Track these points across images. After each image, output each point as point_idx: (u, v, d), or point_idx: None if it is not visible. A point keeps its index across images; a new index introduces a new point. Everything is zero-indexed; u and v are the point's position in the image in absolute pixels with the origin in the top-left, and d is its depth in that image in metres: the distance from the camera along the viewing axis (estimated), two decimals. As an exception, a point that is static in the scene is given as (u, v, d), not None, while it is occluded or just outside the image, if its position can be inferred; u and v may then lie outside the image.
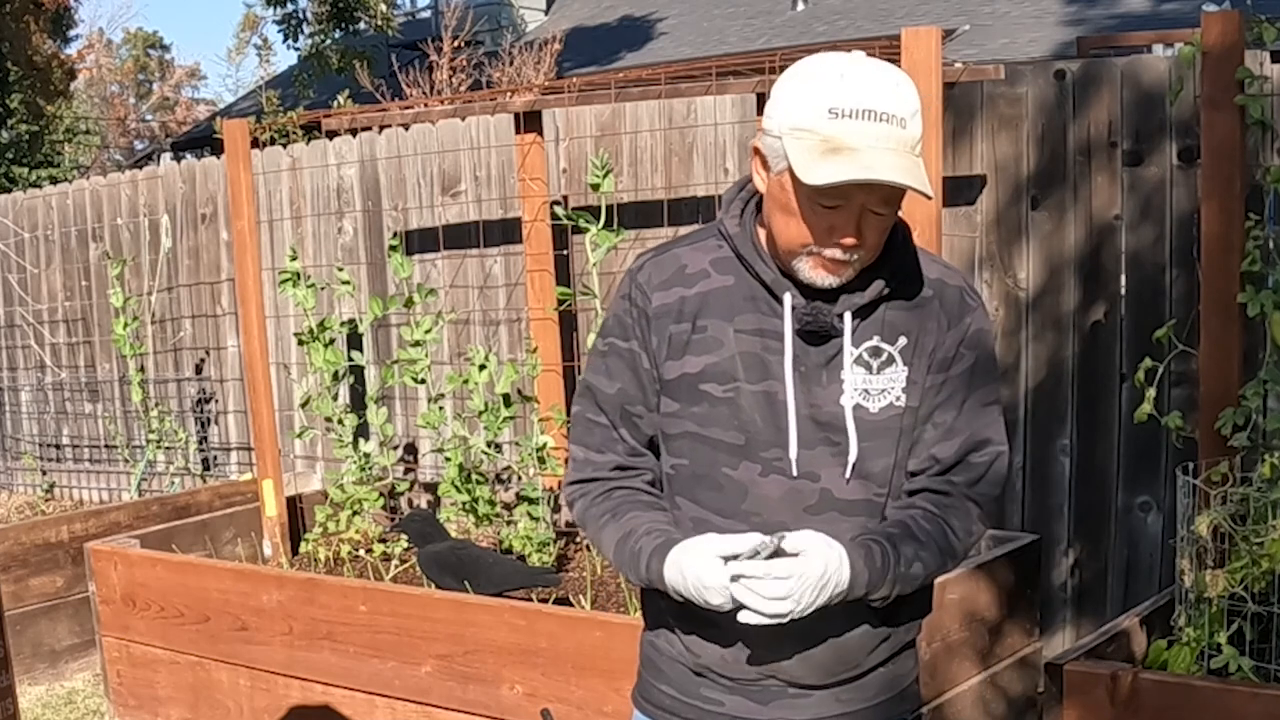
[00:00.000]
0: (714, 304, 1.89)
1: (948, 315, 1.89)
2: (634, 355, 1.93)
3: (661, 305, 1.91)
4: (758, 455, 1.86)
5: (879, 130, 1.71)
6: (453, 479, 4.51)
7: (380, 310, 4.94)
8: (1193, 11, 9.51)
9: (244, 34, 37.82)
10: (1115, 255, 4.04)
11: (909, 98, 1.75)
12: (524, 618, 3.46)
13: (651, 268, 1.95)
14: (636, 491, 1.96)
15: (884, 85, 1.74)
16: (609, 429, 1.96)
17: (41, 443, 7.37)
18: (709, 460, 1.89)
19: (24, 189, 10.62)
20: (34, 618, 5.07)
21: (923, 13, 13.68)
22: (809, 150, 1.72)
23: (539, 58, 10.70)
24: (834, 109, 1.71)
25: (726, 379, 1.87)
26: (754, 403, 1.86)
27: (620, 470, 1.97)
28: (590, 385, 1.99)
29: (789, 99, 1.77)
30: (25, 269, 7.27)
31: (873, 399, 1.86)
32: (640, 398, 1.94)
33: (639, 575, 1.89)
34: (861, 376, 1.85)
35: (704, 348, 1.88)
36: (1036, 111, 4.11)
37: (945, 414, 1.89)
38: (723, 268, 1.90)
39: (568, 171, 5.13)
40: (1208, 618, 2.92)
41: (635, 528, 1.90)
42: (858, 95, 1.72)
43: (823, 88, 1.73)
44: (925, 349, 1.88)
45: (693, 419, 1.89)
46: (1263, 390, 3.18)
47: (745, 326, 1.87)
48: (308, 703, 3.92)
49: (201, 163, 6.60)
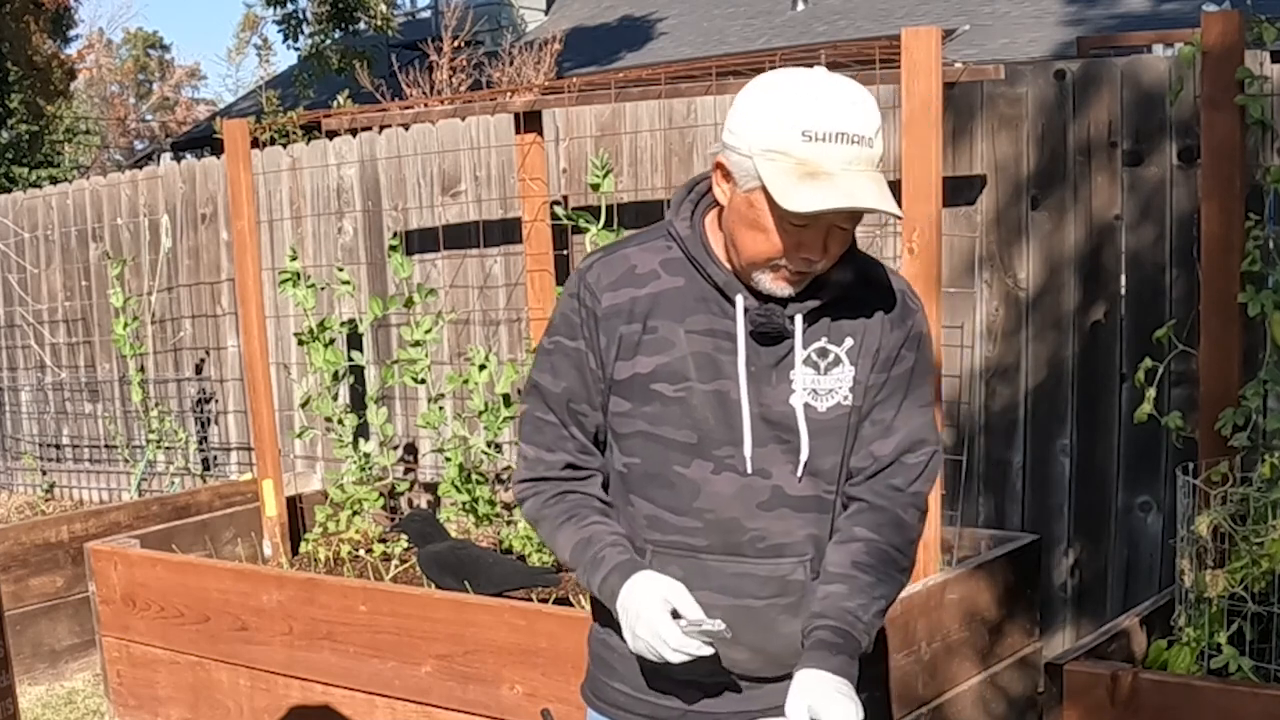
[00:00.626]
0: (665, 305, 1.92)
1: (891, 317, 1.95)
2: (580, 354, 1.97)
3: (611, 305, 1.94)
4: (710, 453, 1.91)
5: (851, 153, 1.76)
6: (453, 479, 4.52)
7: (380, 310, 4.94)
8: (1193, 11, 9.51)
9: (244, 34, 37.85)
10: (1115, 255, 4.04)
11: (873, 116, 1.80)
12: (524, 618, 3.46)
13: (601, 268, 1.98)
14: (590, 497, 2.01)
15: (851, 105, 1.78)
16: (558, 427, 2.00)
17: (41, 443, 7.37)
18: (661, 459, 1.93)
19: (24, 189, 10.62)
20: (34, 618, 5.07)
21: (923, 13, 13.68)
22: (785, 174, 1.75)
23: (539, 58, 10.70)
24: (808, 132, 1.74)
25: (678, 379, 1.91)
26: (706, 402, 1.90)
27: (572, 469, 2.01)
28: (537, 384, 2.02)
29: (758, 119, 1.79)
30: (25, 269, 7.27)
31: (821, 399, 1.91)
32: (585, 396, 1.98)
33: (592, 582, 1.94)
34: (810, 377, 1.91)
35: (655, 348, 1.92)
36: (1036, 111, 4.11)
37: (884, 412, 1.95)
38: (673, 269, 1.94)
39: (568, 171, 5.13)
40: (1208, 618, 2.92)
41: (597, 535, 1.96)
42: (829, 117, 1.75)
43: (794, 109, 1.76)
44: (870, 349, 1.94)
45: (644, 418, 1.93)
46: (1263, 390, 3.18)
47: (696, 327, 1.91)
48: (308, 703, 3.92)
49: (201, 163, 6.60)
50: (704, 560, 1.93)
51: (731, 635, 1.84)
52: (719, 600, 1.91)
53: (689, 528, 1.92)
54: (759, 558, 1.92)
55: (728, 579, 1.92)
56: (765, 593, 1.92)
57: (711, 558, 1.92)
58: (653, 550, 1.95)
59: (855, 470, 1.97)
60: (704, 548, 1.92)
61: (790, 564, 1.93)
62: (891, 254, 4.29)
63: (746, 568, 1.92)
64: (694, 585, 1.90)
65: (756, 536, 1.91)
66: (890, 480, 1.96)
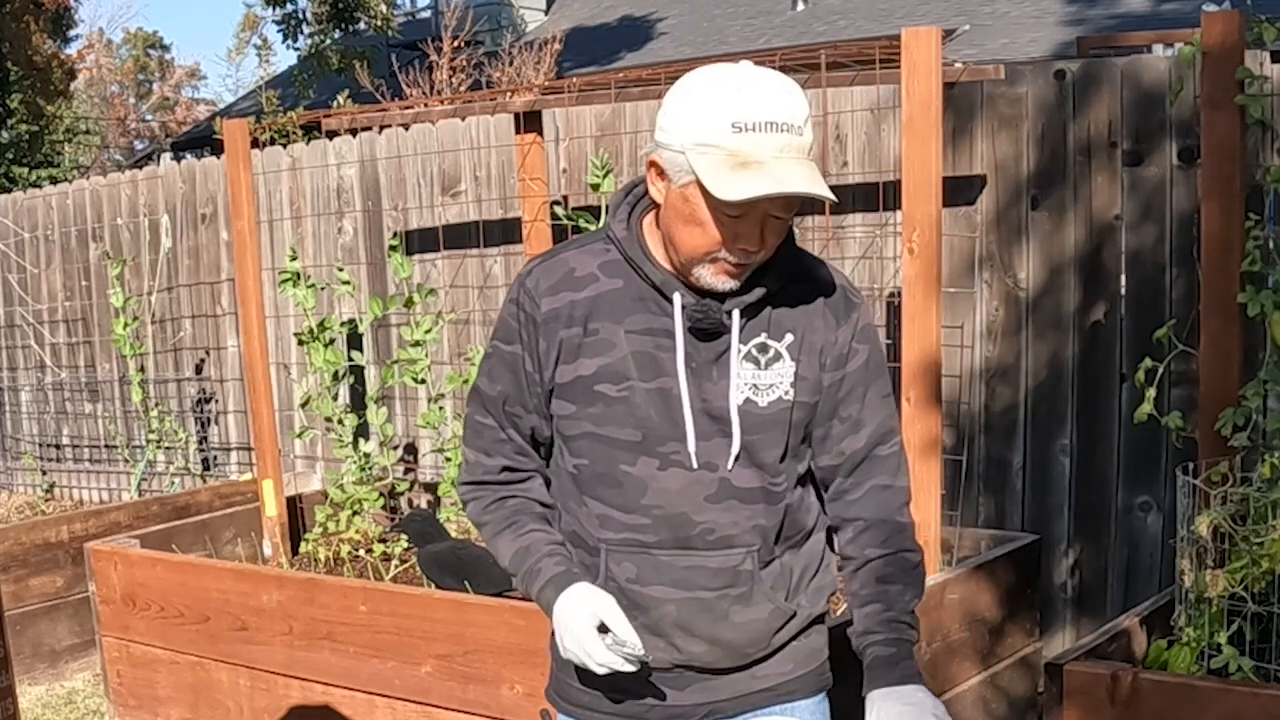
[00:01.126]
0: (604, 307, 1.95)
1: (834, 313, 1.99)
2: (515, 358, 2.02)
3: (550, 310, 1.97)
4: (655, 450, 1.94)
5: (781, 141, 1.79)
6: (453, 479, 4.52)
7: (380, 310, 4.94)
8: (1193, 11, 9.51)
9: (244, 34, 37.85)
10: (1115, 255, 4.04)
11: (801, 105, 1.83)
12: (524, 618, 3.46)
13: (540, 273, 2.02)
14: (529, 501, 2.07)
15: (779, 95, 1.81)
16: (496, 429, 2.06)
17: (41, 443, 7.37)
18: (607, 458, 1.96)
19: (24, 189, 10.62)
20: (34, 618, 5.07)
21: (923, 13, 13.68)
22: (717, 165, 1.78)
23: (539, 58, 10.71)
24: (737, 123, 1.78)
25: (620, 379, 1.94)
26: (648, 400, 1.93)
27: (509, 472, 2.07)
28: (477, 387, 2.09)
29: (688, 114, 1.82)
30: (25, 269, 7.27)
31: (762, 393, 1.94)
32: (519, 398, 2.03)
33: (530, 591, 2.00)
34: (751, 372, 1.94)
35: (596, 350, 1.95)
36: (1036, 111, 4.11)
37: (849, 408, 2.00)
38: (611, 271, 1.97)
39: (568, 171, 5.13)
40: (1208, 618, 2.92)
41: (535, 544, 2.01)
42: (757, 108, 1.78)
43: (722, 102, 1.79)
44: (814, 346, 1.97)
45: (589, 419, 1.96)
46: (1263, 390, 3.18)
47: (636, 327, 1.94)
48: (308, 703, 3.92)
49: (201, 163, 6.60)
50: (656, 556, 1.96)
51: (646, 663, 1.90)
52: (672, 594, 1.96)
53: (639, 524, 1.96)
54: (709, 550, 1.95)
55: (680, 573, 1.96)
56: (716, 584, 1.96)
57: (663, 553, 1.96)
58: (606, 549, 1.98)
59: (828, 470, 2.02)
60: (655, 543, 1.96)
61: (739, 554, 1.96)
62: (892, 254, 4.29)
63: (697, 560, 1.96)
64: (648, 580, 1.96)
65: (706, 529, 1.95)
66: (874, 481, 2.01)
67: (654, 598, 1.96)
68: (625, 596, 1.96)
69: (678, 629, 1.97)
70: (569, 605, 1.92)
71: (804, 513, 2.04)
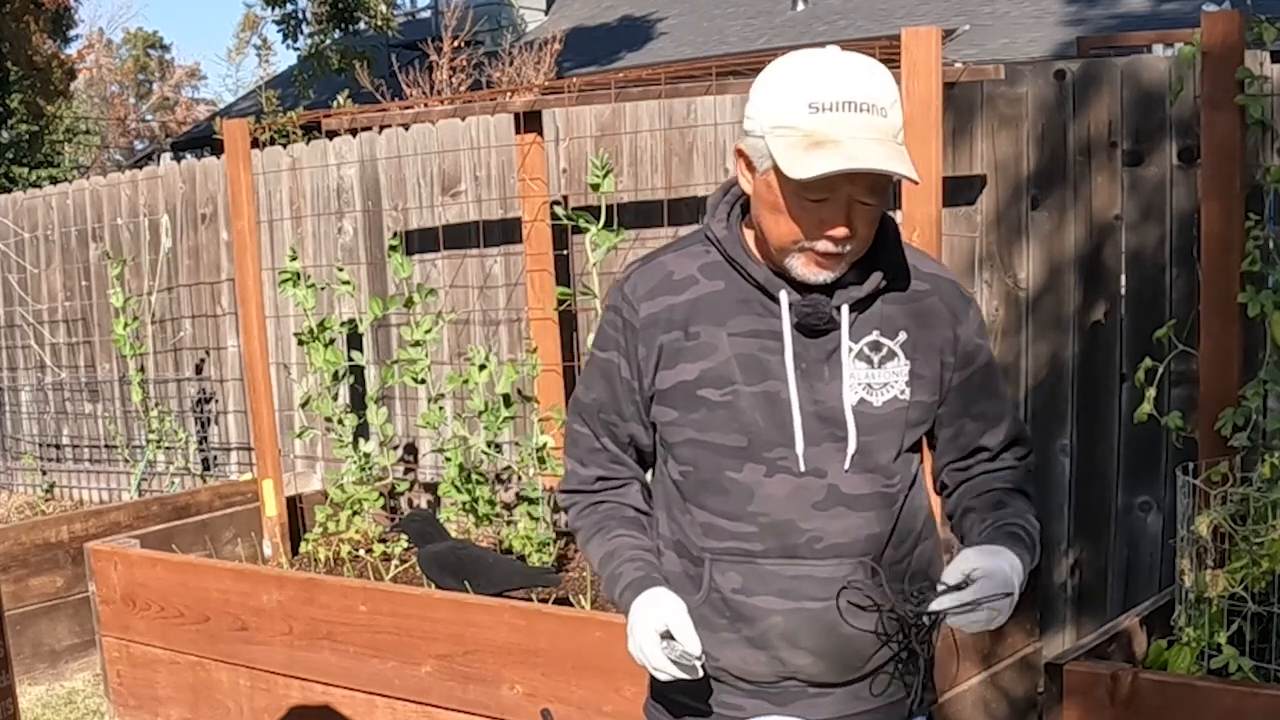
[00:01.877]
0: (705, 310, 1.90)
1: (951, 310, 1.93)
2: (611, 366, 1.98)
3: (649, 315, 1.93)
4: (761, 456, 1.87)
5: (860, 120, 1.73)
6: (453, 479, 4.51)
7: (380, 310, 4.94)
8: (1193, 11, 9.50)
9: (244, 34, 37.84)
10: (1115, 255, 4.04)
11: (887, 87, 1.77)
12: (524, 618, 3.46)
13: (638, 278, 1.97)
14: (621, 506, 2.04)
15: (860, 75, 1.76)
16: (591, 438, 2.04)
17: (41, 443, 7.37)
18: (712, 465, 1.90)
19: (24, 189, 10.62)
20: (34, 618, 5.07)
21: (923, 13, 13.68)
22: (792, 146, 1.74)
23: (539, 58, 10.71)
24: (814, 103, 1.73)
25: (723, 383, 1.88)
26: (754, 404, 1.87)
27: (603, 481, 2.04)
28: (576, 396, 2.07)
29: (768, 98, 1.79)
30: (25, 269, 7.27)
31: (876, 393, 1.88)
32: (615, 406, 1.99)
33: (612, 595, 1.97)
34: (864, 371, 1.87)
35: (698, 354, 1.90)
36: (1036, 111, 4.11)
37: (984, 404, 1.96)
38: (711, 272, 1.92)
39: (568, 171, 5.13)
40: (1208, 618, 2.92)
41: (619, 549, 1.98)
42: (836, 88, 1.74)
43: (801, 83, 1.76)
44: (931, 345, 1.91)
45: (692, 425, 1.91)
46: (1263, 390, 3.18)
47: (739, 329, 1.88)
48: (308, 703, 3.92)
49: (201, 163, 6.60)
50: (761, 565, 1.89)
51: (700, 674, 1.86)
52: (778, 605, 1.89)
53: (744, 533, 1.89)
54: (816, 559, 1.88)
55: (786, 582, 1.88)
56: (824, 594, 1.88)
57: (768, 562, 1.89)
58: (711, 558, 1.92)
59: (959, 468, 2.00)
60: (760, 552, 1.89)
61: (849, 564, 1.88)
62: (891, 254, 4.28)
63: (804, 570, 1.88)
64: (753, 591, 1.89)
65: (813, 537, 1.87)
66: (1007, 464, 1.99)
67: (760, 608, 1.89)
68: (729, 608, 1.91)
69: (784, 640, 1.89)
70: (640, 609, 1.88)
71: (913, 516, 1.97)
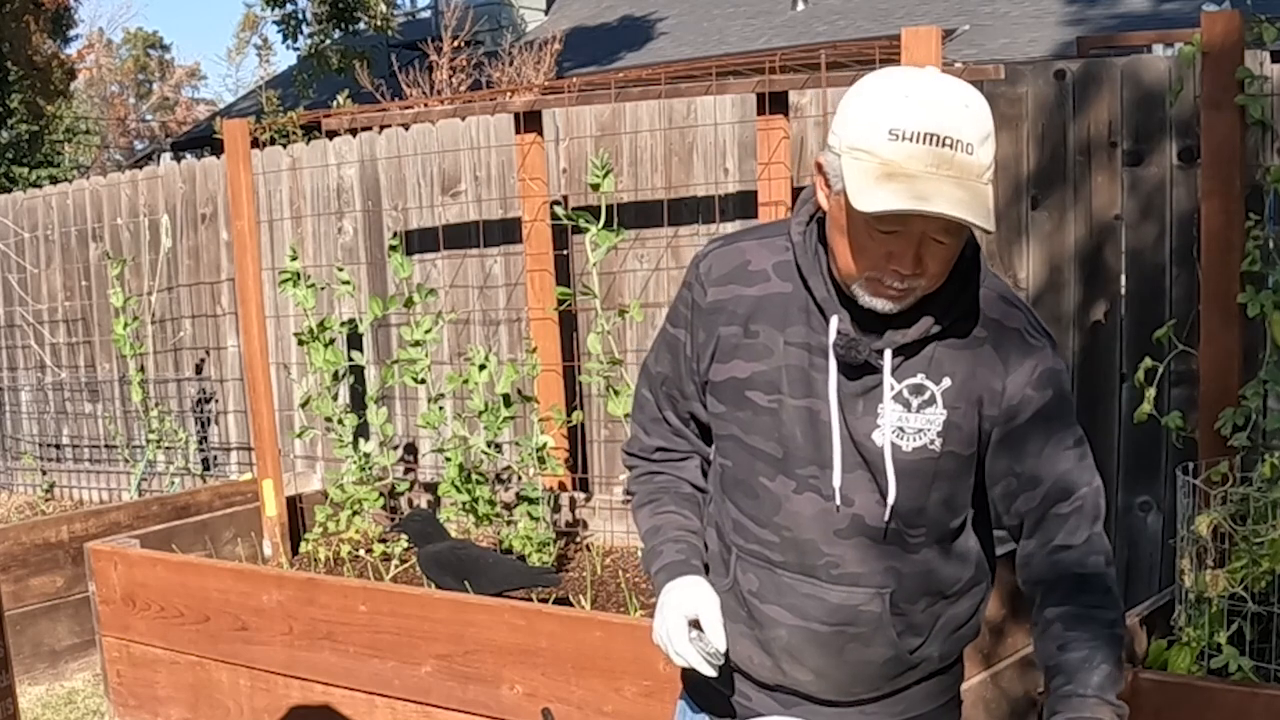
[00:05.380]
0: (768, 310, 1.85)
1: (1003, 359, 1.79)
2: (678, 342, 1.97)
3: (715, 301, 1.89)
4: (793, 471, 1.84)
5: (940, 156, 1.61)
6: (453, 479, 4.51)
7: (380, 310, 4.94)
8: (1193, 11, 9.51)
9: (244, 34, 37.88)
10: (1115, 255, 4.04)
11: (979, 120, 1.65)
12: (524, 618, 3.46)
13: (714, 259, 1.92)
14: (678, 480, 2.04)
15: (951, 105, 1.64)
16: (655, 406, 2.04)
17: (41, 443, 7.37)
18: (749, 467, 1.89)
19: (24, 189, 10.62)
20: (34, 618, 5.07)
21: (923, 13, 13.68)
22: (865, 173, 1.63)
23: (539, 58, 10.72)
24: (894, 130, 1.62)
25: (772, 389, 1.84)
26: (795, 418, 1.83)
27: (662, 452, 2.04)
28: (646, 363, 2.07)
29: (852, 116, 1.68)
30: (25, 269, 7.27)
31: (908, 438, 1.79)
32: (677, 382, 1.99)
33: (649, 570, 1.98)
34: (899, 414, 1.78)
35: (754, 354, 1.85)
36: (1036, 111, 4.11)
37: (1021, 464, 1.81)
38: (784, 272, 1.85)
39: (568, 171, 5.13)
40: (1208, 618, 2.92)
41: (665, 525, 1.99)
42: (922, 116, 1.62)
43: (886, 107, 1.64)
44: (972, 394, 1.79)
45: (737, 423, 1.88)
46: (1263, 390, 3.18)
47: (795, 339, 1.83)
48: (308, 703, 3.91)
49: (201, 163, 6.60)
50: (779, 575, 1.87)
51: (715, 674, 1.87)
52: (786, 619, 1.87)
53: (768, 540, 1.87)
54: (831, 583, 1.84)
55: (799, 598, 1.86)
56: (833, 620, 1.85)
57: (787, 574, 1.87)
58: (737, 555, 1.91)
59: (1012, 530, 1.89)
60: (780, 563, 1.87)
61: (865, 594, 1.84)
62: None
63: (818, 590, 1.85)
64: (767, 597, 1.88)
65: (831, 562, 1.84)
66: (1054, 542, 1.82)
67: (770, 617, 1.87)
68: (745, 607, 1.90)
69: (786, 654, 1.88)
70: (672, 594, 1.90)
71: (954, 567, 1.91)
